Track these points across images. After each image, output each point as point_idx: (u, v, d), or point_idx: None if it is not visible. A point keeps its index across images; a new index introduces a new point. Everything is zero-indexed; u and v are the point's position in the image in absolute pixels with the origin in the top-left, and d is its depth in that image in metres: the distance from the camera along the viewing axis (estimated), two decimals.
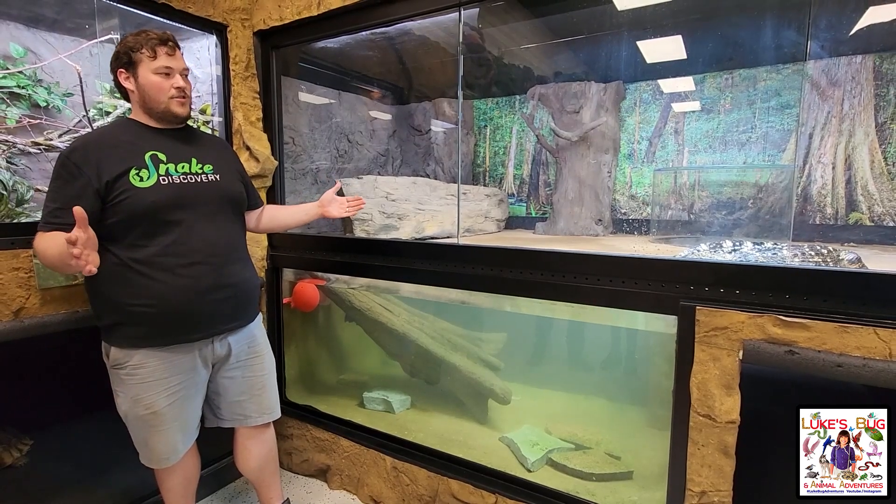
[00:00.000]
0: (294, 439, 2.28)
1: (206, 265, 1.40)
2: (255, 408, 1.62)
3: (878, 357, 1.11)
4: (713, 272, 1.34)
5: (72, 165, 1.27)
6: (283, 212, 1.79)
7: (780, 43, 2.49)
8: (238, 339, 1.54)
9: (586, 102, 2.91)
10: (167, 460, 1.48)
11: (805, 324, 1.19)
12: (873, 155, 2.46)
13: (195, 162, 1.45)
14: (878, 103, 2.43)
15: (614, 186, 3.07)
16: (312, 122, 2.98)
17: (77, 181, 1.27)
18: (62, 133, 2.09)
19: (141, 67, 1.36)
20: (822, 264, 1.52)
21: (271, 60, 2.17)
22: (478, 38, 2.85)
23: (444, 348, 2.41)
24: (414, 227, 2.63)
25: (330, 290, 2.43)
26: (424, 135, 3.57)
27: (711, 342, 1.30)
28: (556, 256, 1.58)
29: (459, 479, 1.80)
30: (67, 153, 1.29)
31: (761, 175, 2.66)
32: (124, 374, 1.37)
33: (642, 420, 2.13)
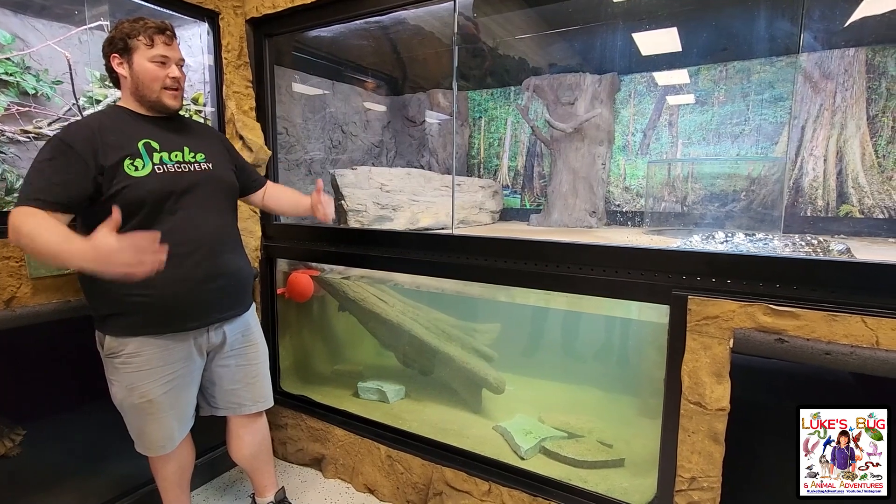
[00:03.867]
0: (289, 429, 2.29)
1: (201, 254, 1.39)
2: (248, 396, 1.63)
3: (866, 345, 1.13)
4: (705, 262, 1.35)
5: (67, 148, 1.24)
6: (285, 198, 1.78)
7: (773, 35, 2.50)
8: (233, 327, 1.55)
9: (581, 94, 2.91)
10: (163, 448, 1.48)
11: (795, 312, 1.20)
12: (864, 148, 2.48)
13: (188, 151, 1.44)
14: (870, 96, 2.44)
15: (608, 178, 3.07)
16: (306, 113, 2.96)
17: (74, 164, 1.24)
18: (52, 121, 2.06)
19: (136, 54, 1.34)
20: (812, 254, 1.54)
21: (264, 49, 2.15)
22: (473, 29, 2.83)
23: (438, 338, 2.42)
24: (408, 218, 2.63)
25: (324, 280, 2.43)
26: (419, 126, 3.55)
27: (703, 331, 1.31)
28: (551, 246, 1.58)
29: (454, 467, 1.82)
30: (63, 135, 1.26)
31: (754, 167, 2.68)
32: (119, 362, 1.37)
33: (634, 409, 2.16)
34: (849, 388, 1.36)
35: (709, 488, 1.34)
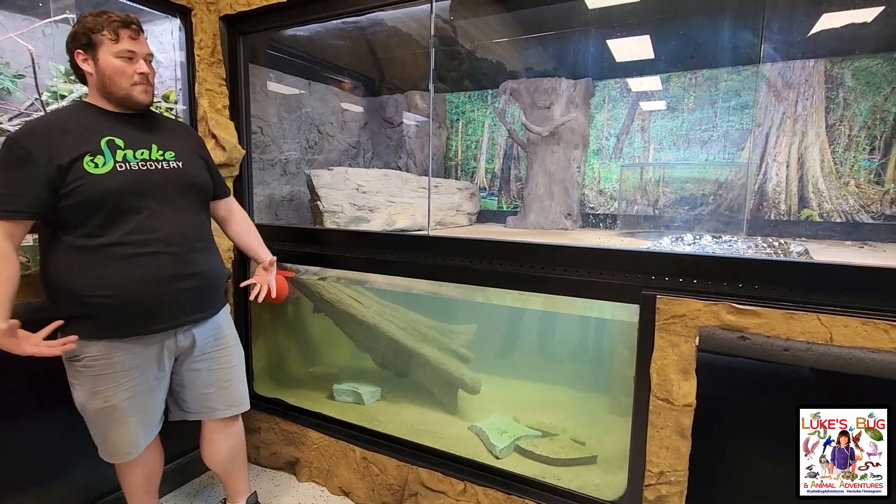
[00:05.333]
0: (262, 433, 2.26)
1: (167, 254, 1.36)
2: (222, 400, 1.59)
3: (820, 341, 1.19)
4: (672, 262, 1.39)
5: (20, 149, 1.21)
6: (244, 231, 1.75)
7: (736, 45, 2.60)
8: (203, 330, 1.51)
9: (557, 98, 2.96)
10: (127, 455, 1.44)
11: (756, 311, 1.25)
12: (823, 155, 2.60)
13: (156, 148, 1.40)
14: (829, 105, 2.56)
15: (583, 181, 3.13)
16: (281, 112, 2.92)
17: (26, 167, 1.21)
18: (12, 117, 1.98)
19: (101, 50, 1.30)
20: (773, 255, 1.61)
21: (238, 46, 2.12)
22: (450, 31, 2.85)
23: (414, 340, 2.42)
24: (385, 219, 2.63)
25: (299, 281, 2.40)
26: (396, 127, 3.55)
27: (670, 329, 1.36)
28: (525, 247, 1.61)
29: (429, 467, 1.82)
30: (16, 137, 1.23)
31: (721, 172, 2.77)
32: (80, 365, 1.33)
33: (606, 407, 2.20)
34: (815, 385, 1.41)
35: (676, 482, 1.38)
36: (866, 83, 2.48)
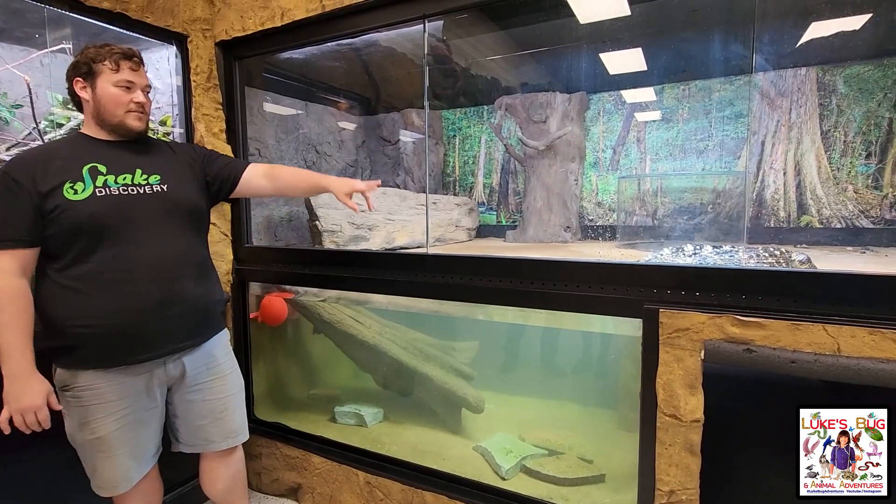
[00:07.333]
0: (263, 458, 2.21)
1: (151, 281, 1.32)
2: (217, 432, 1.54)
3: (828, 352, 1.17)
4: (674, 275, 1.38)
5: (10, 180, 1.22)
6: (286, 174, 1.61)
7: (728, 56, 2.62)
8: (193, 359, 1.46)
9: (552, 112, 2.98)
10: (116, 488, 1.40)
11: (761, 323, 1.23)
12: (819, 161, 2.60)
13: (140, 173, 1.38)
14: (823, 112, 2.58)
15: (581, 194, 3.14)
16: (279, 134, 2.94)
17: (17, 197, 1.22)
18: (10, 146, 1.99)
19: (100, 79, 1.31)
20: (775, 265, 1.59)
21: (234, 71, 2.14)
22: (444, 50, 2.89)
23: (416, 359, 2.39)
24: (384, 237, 2.62)
25: (298, 303, 2.39)
26: (393, 145, 3.57)
27: (675, 343, 1.33)
28: (525, 264, 1.60)
29: (434, 490, 1.78)
30: (6, 168, 1.24)
31: (719, 181, 2.78)
32: (70, 395, 1.31)
33: (613, 423, 2.16)
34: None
35: (687, 501, 1.35)
36: (859, 89, 2.50)
